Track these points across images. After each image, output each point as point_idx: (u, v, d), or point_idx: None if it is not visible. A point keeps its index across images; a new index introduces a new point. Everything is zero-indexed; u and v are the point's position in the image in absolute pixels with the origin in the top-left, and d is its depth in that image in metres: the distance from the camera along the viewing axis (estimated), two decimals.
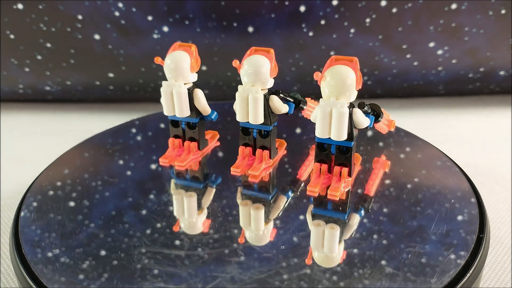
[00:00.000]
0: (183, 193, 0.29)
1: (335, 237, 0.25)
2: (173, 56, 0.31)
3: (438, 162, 0.33)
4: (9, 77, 0.56)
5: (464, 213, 0.27)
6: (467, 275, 0.23)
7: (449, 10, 0.49)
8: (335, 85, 0.26)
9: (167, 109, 0.32)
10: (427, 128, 0.52)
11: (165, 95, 0.31)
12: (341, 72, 0.26)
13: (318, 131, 0.28)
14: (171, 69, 0.31)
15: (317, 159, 0.30)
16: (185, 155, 0.33)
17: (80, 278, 0.23)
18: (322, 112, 0.27)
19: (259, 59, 0.29)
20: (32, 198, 0.29)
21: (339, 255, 0.24)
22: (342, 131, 0.27)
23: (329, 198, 0.28)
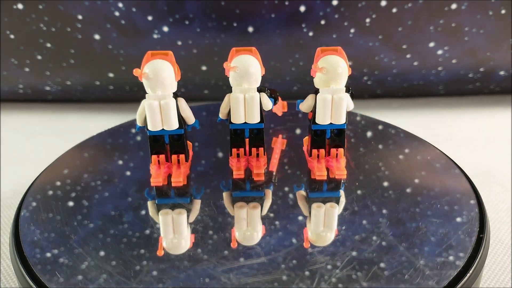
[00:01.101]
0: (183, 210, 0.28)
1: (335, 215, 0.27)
2: (154, 66, 0.28)
3: (438, 162, 0.33)
4: (9, 77, 0.56)
5: (464, 213, 0.27)
6: (467, 275, 0.23)
7: (449, 10, 0.49)
8: (332, 74, 0.28)
9: (153, 124, 0.29)
10: (427, 128, 0.52)
11: (151, 108, 0.29)
12: (336, 61, 0.29)
13: (320, 119, 0.30)
14: (155, 80, 0.28)
15: (314, 145, 0.32)
16: (176, 169, 0.31)
17: (79, 279, 0.23)
18: (324, 100, 0.29)
19: (249, 59, 0.29)
20: (32, 198, 0.29)
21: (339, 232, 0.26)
22: (342, 115, 0.30)
23: (337, 178, 0.31)
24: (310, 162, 0.32)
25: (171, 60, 0.29)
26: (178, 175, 0.31)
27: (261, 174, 0.31)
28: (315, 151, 0.32)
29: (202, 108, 0.43)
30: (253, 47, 0.30)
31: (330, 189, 0.30)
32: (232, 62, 0.29)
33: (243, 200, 0.29)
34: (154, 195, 0.30)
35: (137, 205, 0.28)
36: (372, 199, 0.28)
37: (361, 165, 0.32)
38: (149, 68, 0.28)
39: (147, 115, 0.29)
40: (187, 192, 0.30)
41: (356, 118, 0.40)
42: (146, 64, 0.28)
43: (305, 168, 0.32)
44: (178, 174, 0.31)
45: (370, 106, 0.58)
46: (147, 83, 0.29)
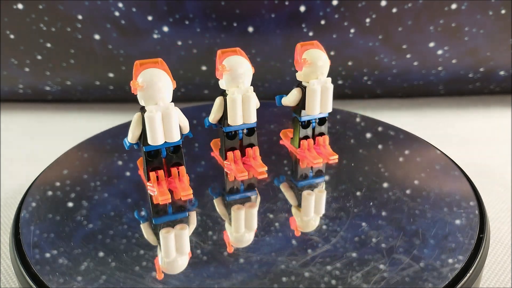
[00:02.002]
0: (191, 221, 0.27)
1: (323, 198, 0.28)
2: (151, 75, 0.26)
3: (438, 162, 0.33)
4: (9, 77, 0.56)
5: (464, 213, 0.27)
6: (467, 275, 0.23)
7: (449, 10, 0.49)
8: (318, 66, 0.30)
9: (155, 138, 0.27)
10: (427, 128, 0.52)
11: (153, 121, 0.26)
12: (319, 54, 0.30)
13: (310, 109, 0.31)
14: (153, 90, 0.26)
15: (302, 136, 0.33)
16: (180, 183, 0.29)
17: (79, 279, 0.23)
18: (314, 91, 0.30)
19: (240, 59, 0.29)
20: (32, 198, 0.29)
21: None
22: (330, 104, 0.31)
23: (331, 163, 0.32)
24: (301, 152, 0.33)
25: (164, 67, 0.27)
26: (185, 188, 0.29)
27: (265, 172, 0.31)
28: (304, 142, 0.33)
29: (202, 108, 0.43)
30: (237, 48, 0.29)
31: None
32: (223, 64, 0.28)
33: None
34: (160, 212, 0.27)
35: (137, 206, 0.28)
36: (372, 200, 0.28)
37: (361, 165, 0.32)
38: (145, 78, 0.26)
39: (148, 128, 0.26)
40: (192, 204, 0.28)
41: (356, 119, 0.40)
42: (140, 74, 0.26)
43: (290, 161, 0.33)
44: (185, 187, 0.29)
45: (370, 106, 0.58)
46: (143, 94, 0.26)
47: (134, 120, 0.27)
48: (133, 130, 0.28)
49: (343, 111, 0.42)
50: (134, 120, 0.27)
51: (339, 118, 0.41)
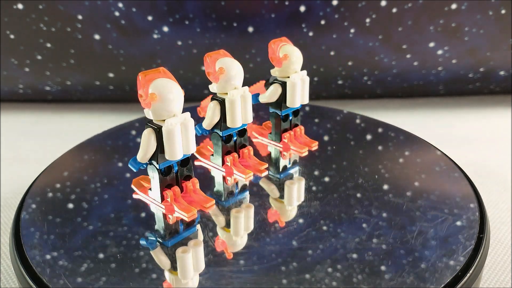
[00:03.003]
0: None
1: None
2: (164, 87, 0.25)
3: (438, 162, 0.33)
4: (9, 77, 0.56)
5: (464, 213, 0.27)
6: (467, 275, 0.23)
7: (449, 10, 0.49)
8: (296, 60, 0.31)
9: (175, 152, 0.25)
10: (427, 128, 0.52)
11: (174, 134, 0.25)
12: (295, 49, 0.32)
13: (292, 102, 0.32)
14: (169, 101, 0.24)
15: (283, 129, 0.34)
16: (196, 194, 0.28)
17: (78, 279, 0.23)
18: (294, 85, 0.31)
19: (232, 60, 0.28)
20: (32, 199, 0.29)
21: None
22: (307, 95, 0.33)
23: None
24: (284, 144, 0.34)
25: (169, 76, 0.25)
26: (207, 199, 0.27)
27: (266, 170, 0.31)
28: (287, 134, 0.34)
29: None
30: (221, 50, 0.29)
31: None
32: (217, 67, 0.28)
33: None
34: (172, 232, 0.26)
35: (137, 206, 0.28)
36: (372, 200, 0.28)
37: (361, 166, 0.32)
38: (158, 90, 0.24)
39: (168, 143, 0.25)
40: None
41: (355, 120, 0.40)
42: (150, 86, 0.24)
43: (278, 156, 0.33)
44: (206, 199, 0.27)
45: (370, 106, 0.58)
46: (158, 107, 0.24)
47: (147, 138, 0.25)
48: (146, 149, 0.25)
49: (343, 111, 0.42)
50: (146, 138, 0.25)
51: (339, 119, 0.41)
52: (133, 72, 0.54)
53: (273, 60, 0.31)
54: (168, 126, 0.24)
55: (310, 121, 0.41)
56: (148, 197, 0.28)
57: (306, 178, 0.31)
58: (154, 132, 0.25)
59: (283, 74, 0.32)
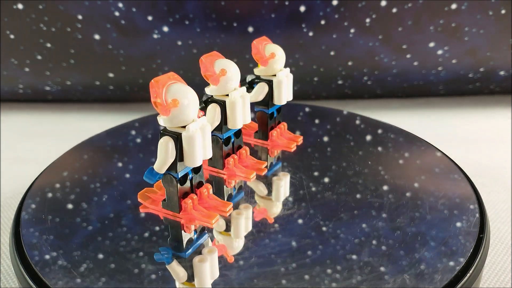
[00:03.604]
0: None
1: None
2: (182, 92, 0.24)
3: (438, 163, 0.33)
4: (9, 77, 0.56)
5: (464, 213, 0.27)
6: (467, 275, 0.22)
7: (449, 10, 0.49)
8: (281, 58, 0.32)
9: (197, 158, 0.24)
10: (427, 128, 0.52)
11: (196, 140, 0.24)
12: (279, 48, 0.32)
13: (279, 99, 0.32)
14: (190, 106, 0.24)
15: (270, 127, 0.34)
16: (211, 200, 0.27)
17: (78, 280, 0.23)
18: (281, 82, 0.32)
19: (230, 61, 0.28)
20: (32, 199, 0.29)
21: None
22: (291, 91, 0.34)
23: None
24: (273, 142, 0.34)
25: (181, 80, 0.25)
26: (226, 204, 0.27)
27: (266, 168, 0.31)
28: (274, 131, 0.34)
29: None
30: (213, 51, 0.28)
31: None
32: (216, 69, 0.27)
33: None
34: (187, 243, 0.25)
35: (136, 208, 0.28)
36: (372, 200, 0.28)
37: (361, 167, 0.32)
38: (177, 95, 0.23)
39: (189, 149, 0.24)
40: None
41: (355, 120, 0.40)
42: (167, 92, 0.23)
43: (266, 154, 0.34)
44: (224, 203, 0.27)
45: (370, 106, 0.58)
46: (177, 113, 0.24)
47: (165, 147, 0.24)
48: (165, 159, 0.24)
49: (342, 112, 0.42)
50: (164, 147, 0.24)
51: (339, 119, 0.41)
52: (133, 72, 0.54)
53: (259, 60, 0.32)
54: (189, 132, 0.24)
55: (310, 121, 0.41)
56: (160, 209, 0.27)
57: (306, 178, 0.31)
58: (172, 140, 0.24)
59: (269, 72, 0.32)
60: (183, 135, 0.24)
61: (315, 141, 0.36)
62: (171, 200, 0.26)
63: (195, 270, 0.23)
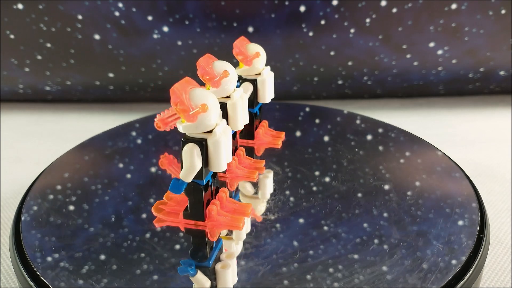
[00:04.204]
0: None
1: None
2: (206, 97, 0.23)
3: (438, 163, 0.33)
4: (9, 77, 0.56)
5: (464, 213, 0.27)
6: (467, 275, 0.23)
7: (449, 10, 0.49)
8: (264, 57, 0.32)
9: (223, 162, 0.24)
10: (427, 128, 0.52)
11: (223, 145, 0.23)
12: (260, 46, 0.32)
13: (264, 98, 0.33)
14: (216, 110, 0.23)
15: (255, 126, 0.34)
16: (233, 204, 0.27)
17: (79, 280, 0.23)
18: (265, 80, 0.32)
19: (227, 63, 0.28)
20: (32, 199, 0.29)
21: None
22: (273, 89, 0.33)
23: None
24: (260, 140, 0.35)
25: (197, 84, 0.24)
26: (245, 206, 0.26)
27: (264, 167, 0.31)
28: (259, 130, 0.35)
29: None
30: (207, 54, 0.28)
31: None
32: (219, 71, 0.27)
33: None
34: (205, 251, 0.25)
35: (137, 209, 0.28)
36: (372, 200, 0.28)
37: (361, 167, 0.32)
38: (205, 100, 0.23)
39: (217, 154, 0.23)
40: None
41: (356, 120, 0.40)
42: (192, 98, 0.23)
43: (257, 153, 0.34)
44: (244, 206, 0.26)
45: (370, 106, 0.58)
46: (204, 118, 0.23)
47: (192, 154, 0.23)
48: (193, 167, 0.23)
49: (343, 111, 0.42)
50: (191, 154, 0.23)
51: (339, 119, 0.41)
52: (133, 72, 0.54)
53: (243, 60, 0.31)
54: (217, 137, 0.23)
55: (310, 121, 0.41)
56: (179, 220, 0.26)
57: (307, 178, 0.31)
58: (197, 146, 0.23)
59: (253, 72, 0.32)
60: (209, 140, 0.23)
61: (315, 141, 0.36)
62: (195, 209, 0.25)
63: (219, 276, 0.23)
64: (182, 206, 0.26)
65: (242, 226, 0.25)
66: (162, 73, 0.54)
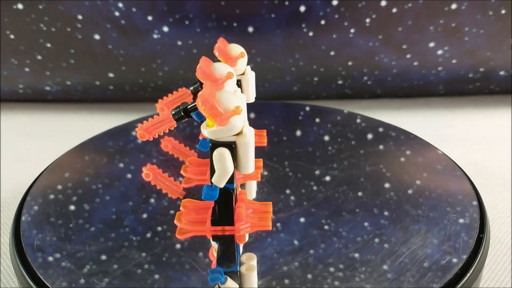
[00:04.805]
0: None
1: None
2: (233, 97, 0.23)
3: (438, 162, 0.33)
4: (9, 77, 0.56)
5: (464, 213, 0.27)
6: (467, 275, 0.23)
7: (449, 10, 0.49)
8: (245, 57, 0.31)
9: (252, 163, 0.24)
10: (427, 128, 0.52)
11: (251, 146, 0.23)
12: (240, 46, 0.31)
13: (249, 97, 0.32)
14: (243, 112, 0.24)
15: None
16: (254, 204, 0.27)
17: (79, 280, 0.23)
18: (249, 80, 0.32)
19: (225, 65, 0.27)
20: (32, 198, 0.29)
21: None
22: (255, 88, 0.33)
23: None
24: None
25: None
26: (266, 205, 0.27)
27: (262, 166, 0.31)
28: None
29: None
30: (202, 56, 0.27)
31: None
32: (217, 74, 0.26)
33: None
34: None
35: (138, 208, 0.28)
36: (373, 200, 0.28)
37: (361, 166, 0.32)
38: (230, 101, 0.23)
39: (246, 156, 0.23)
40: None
41: (356, 119, 0.40)
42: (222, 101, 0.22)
43: None
44: (265, 205, 0.27)
45: (370, 106, 0.58)
46: (237, 119, 0.23)
47: (224, 158, 0.22)
48: (227, 171, 0.23)
49: (343, 111, 0.42)
50: (223, 159, 0.22)
51: (339, 119, 0.41)
52: (133, 72, 0.54)
53: (227, 61, 0.30)
54: (248, 138, 0.23)
55: (310, 121, 0.41)
56: (206, 228, 0.25)
57: (307, 177, 0.31)
58: (228, 150, 0.23)
59: (237, 72, 0.31)
60: (240, 142, 0.23)
61: (315, 140, 0.36)
62: (225, 214, 0.24)
63: (245, 279, 0.22)
64: (200, 214, 0.25)
65: (271, 226, 0.25)
66: (162, 73, 0.54)
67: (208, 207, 0.25)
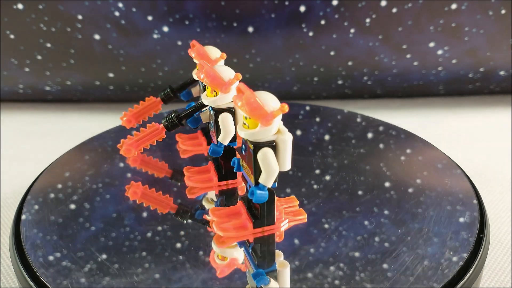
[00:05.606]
0: None
1: None
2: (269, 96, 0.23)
3: (438, 162, 0.33)
4: (9, 77, 0.56)
5: (464, 213, 0.27)
6: (467, 275, 0.23)
7: (449, 10, 0.49)
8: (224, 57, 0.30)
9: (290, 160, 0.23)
10: (427, 128, 0.52)
11: (290, 143, 0.23)
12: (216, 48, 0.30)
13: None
14: None
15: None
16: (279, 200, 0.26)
17: (79, 279, 0.23)
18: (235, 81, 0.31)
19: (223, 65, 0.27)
20: (32, 198, 0.29)
21: None
22: None
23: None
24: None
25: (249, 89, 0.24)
26: (292, 200, 0.27)
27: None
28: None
29: None
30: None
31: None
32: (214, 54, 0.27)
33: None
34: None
35: (138, 208, 0.28)
36: (373, 199, 0.28)
37: (362, 165, 0.32)
38: (271, 101, 0.23)
39: (285, 153, 0.23)
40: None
41: (356, 119, 0.40)
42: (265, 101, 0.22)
43: None
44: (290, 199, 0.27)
45: (370, 106, 0.58)
46: (279, 118, 0.23)
47: (270, 158, 0.22)
48: (274, 169, 0.23)
49: (343, 111, 0.42)
50: (269, 158, 0.22)
51: (339, 118, 0.41)
52: (133, 72, 0.54)
53: (209, 61, 0.29)
54: (287, 135, 0.22)
55: (310, 121, 0.41)
56: (248, 232, 0.24)
57: (308, 177, 0.31)
58: (271, 149, 0.22)
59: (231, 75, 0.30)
60: (280, 140, 0.22)
61: (315, 140, 0.36)
62: (268, 214, 0.24)
63: (281, 276, 0.22)
64: (232, 219, 0.24)
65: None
66: (162, 73, 0.54)
67: (236, 212, 0.25)
